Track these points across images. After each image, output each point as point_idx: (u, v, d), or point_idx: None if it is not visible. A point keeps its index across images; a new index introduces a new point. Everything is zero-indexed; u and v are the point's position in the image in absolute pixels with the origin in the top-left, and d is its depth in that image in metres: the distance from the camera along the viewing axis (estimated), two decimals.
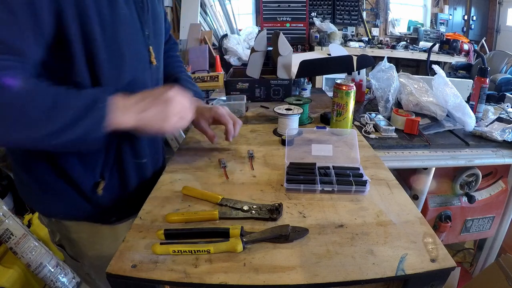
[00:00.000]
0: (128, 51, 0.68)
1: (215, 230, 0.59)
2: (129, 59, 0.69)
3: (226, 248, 0.54)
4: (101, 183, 0.75)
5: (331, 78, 3.49)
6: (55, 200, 0.76)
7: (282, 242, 0.57)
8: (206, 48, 3.66)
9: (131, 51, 0.69)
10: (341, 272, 0.50)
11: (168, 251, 0.53)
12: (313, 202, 0.69)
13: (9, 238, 1.31)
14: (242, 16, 4.41)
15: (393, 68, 1.40)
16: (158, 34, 0.80)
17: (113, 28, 0.63)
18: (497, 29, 4.14)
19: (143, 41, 0.73)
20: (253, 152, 0.90)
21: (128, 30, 0.67)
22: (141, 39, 0.73)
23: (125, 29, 0.66)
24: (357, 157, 0.81)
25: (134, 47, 0.70)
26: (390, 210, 0.66)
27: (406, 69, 4.04)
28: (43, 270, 1.37)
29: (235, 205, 0.66)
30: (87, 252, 0.83)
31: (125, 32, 0.67)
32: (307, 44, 4.16)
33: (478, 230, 1.47)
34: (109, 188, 0.76)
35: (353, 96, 0.95)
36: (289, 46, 1.35)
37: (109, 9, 0.62)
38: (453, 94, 1.23)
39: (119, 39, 0.65)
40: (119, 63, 0.67)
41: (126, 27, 0.67)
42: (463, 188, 1.36)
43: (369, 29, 4.31)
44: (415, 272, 0.51)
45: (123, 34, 0.66)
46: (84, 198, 0.75)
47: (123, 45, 0.67)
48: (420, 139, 1.20)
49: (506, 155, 1.18)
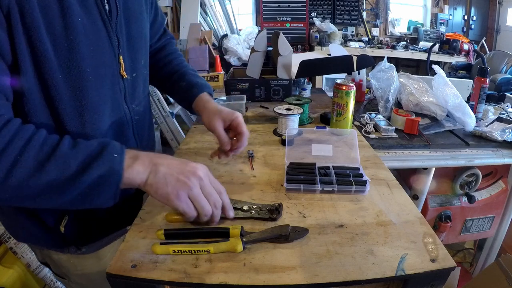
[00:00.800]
0: (89, 67, 0.59)
1: (215, 230, 0.59)
2: (91, 75, 0.60)
3: (226, 248, 0.54)
4: (64, 218, 0.68)
5: (331, 78, 3.49)
6: (21, 228, 0.72)
7: (282, 242, 0.57)
8: (206, 48, 3.66)
9: (93, 66, 0.60)
10: (341, 272, 0.50)
11: (168, 251, 0.53)
12: (313, 202, 0.69)
13: (9, 238, 1.31)
14: (242, 16, 4.41)
15: (393, 68, 1.40)
16: (135, 38, 0.71)
17: (67, 41, 0.55)
18: (497, 29, 4.14)
19: (110, 52, 0.64)
20: (253, 152, 0.90)
21: (88, 42, 0.58)
22: (107, 50, 0.63)
23: (84, 40, 0.57)
24: (357, 157, 0.81)
25: (97, 60, 0.61)
26: (390, 210, 0.66)
27: (406, 69, 4.04)
28: (43, 270, 1.37)
29: (235, 205, 0.66)
30: (71, 272, 0.79)
31: (84, 44, 0.57)
32: (307, 44, 4.15)
33: (478, 230, 1.47)
34: (74, 223, 0.69)
35: (353, 96, 0.95)
36: (289, 46, 1.35)
37: (62, 19, 0.53)
38: (453, 94, 1.23)
39: (77, 54, 0.56)
40: (79, 83, 0.58)
41: (85, 38, 0.57)
42: (463, 188, 1.36)
43: (369, 29, 4.31)
44: (415, 272, 0.51)
45: (82, 48, 0.57)
46: (47, 230, 0.69)
47: (82, 61, 0.57)
48: (420, 139, 1.20)
49: (506, 155, 1.18)
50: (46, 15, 0.51)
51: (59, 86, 0.56)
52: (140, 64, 0.75)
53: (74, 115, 0.60)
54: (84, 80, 0.59)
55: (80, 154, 0.51)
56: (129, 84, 0.72)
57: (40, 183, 0.48)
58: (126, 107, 0.72)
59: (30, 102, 0.55)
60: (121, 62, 0.67)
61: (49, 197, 0.50)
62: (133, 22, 0.69)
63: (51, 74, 0.54)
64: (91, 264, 0.77)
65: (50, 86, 0.55)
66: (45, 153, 0.49)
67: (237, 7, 4.33)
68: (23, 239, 0.78)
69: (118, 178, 0.52)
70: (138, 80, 0.75)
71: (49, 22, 0.52)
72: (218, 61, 3.54)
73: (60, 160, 0.49)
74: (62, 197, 0.50)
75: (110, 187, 0.52)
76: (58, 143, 0.51)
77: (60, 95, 0.57)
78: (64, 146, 0.51)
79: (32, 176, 0.48)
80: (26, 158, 0.48)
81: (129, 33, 0.69)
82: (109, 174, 0.51)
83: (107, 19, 0.62)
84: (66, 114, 0.59)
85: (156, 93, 2.31)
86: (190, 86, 0.86)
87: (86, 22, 0.57)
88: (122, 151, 0.54)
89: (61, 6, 0.53)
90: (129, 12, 0.68)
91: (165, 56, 0.93)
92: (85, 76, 0.59)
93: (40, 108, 0.56)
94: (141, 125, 0.80)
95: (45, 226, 0.68)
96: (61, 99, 0.57)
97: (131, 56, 0.70)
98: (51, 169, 0.48)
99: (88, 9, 0.58)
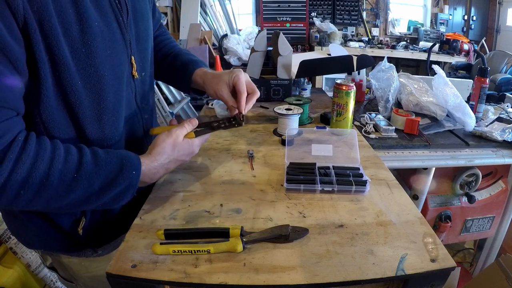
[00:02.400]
0: (107, 70, 0.59)
1: (215, 230, 0.59)
2: (110, 79, 0.60)
3: (226, 248, 0.54)
4: (82, 220, 0.68)
5: (331, 78, 3.49)
6: (35, 235, 0.70)
7: (282, 242, 0.57)
8: (206, 48, 3.66)
9: (110, 69, 0.60)
10: (341, 272, 0.50)
11: (168, 251, 0.53)
12: (313, 202, 0.69)
13: (9, 238, 1.31)
14: (242, 16, 4.41)
15: (393, 68, 1.40)
16: (142, 37, 0.71)
17: (85, 47, 0.54)
18: (497, 29, 4.14)
19: (124, 53, 0.64)
20: (253, 152, 0.90)
21: (104, 45, 0.57)
22: (122, 51, 0.63)
23: (101, 45, 0.57)
24: (357, 157, 0.81)
25: (113, 63, 0.61)
26: (390, 210, 0.66)
27: (406, 69, 4.04)
28: (43, 270, 1.38)
29: None
30: (80, 275, 0.78)
31: (102, 49, 0.57)
32: (307, 44, 4.16)
33: (478, 230, 1.47)
34: (90, 224, 0.69)
35: (353, 96, 0.95)
36: (289, 46, 1.35)
37: (78, 24, 0.52)
38: (453, 94, 1.23)
39: (95, 59, 0.56)
40: (98, 88, 0.59)
41: (102, 42, 0.57)
42: (463, 188, 1.36)
43: (369, 29, 4.31)
44: (415, 272, 0.51)
45: (99, 52, 0.56)
46: (64, 235, 0.68)
47: (100, 66, 0.57)
48: (420, 139, 1.20)
49: (506, 155, 1.18)
50: (63, 20, 0.50)
51: (79, 92, 0.56)
52: (148, 63, 0.76)
53: (93, 119, 0.61)
54: (102, 84, 0.59)
55: (103, 172, 0.55)
56: (139, 84, 0.72)
57: (67, 201, 0.53)
58: (136, 107, 0.73)
59: (48, 109, 0.55)
60: (133, 63, 0.68)
61: (71, 208, 0.56)
62: (140, 21, 0.69)
63: (70, 80, 0.54)
64: (103, 265, 0.75)
65: (70, 93, 0.55)
66: (70, 173, 0.52)
67: (237, 7, 4.33)
68: (36, 246, 0.75)
69: (134, 190, 0.59)
70: (147, 78, 0.76)
71: (66, 28, 0.51)
72: (218, 61, 3.54)
73: (85, 181, 0.53)
74: (82, 207, 0.58)
75: (127, 197, 0.59)
76: (80, 160, 0.53)
77: (80, 100, 0.57)
78: (87, 163, 0.54)
79: (60, 196, 0.52)
80: (52, 181, 0.50)
81: (137, 33, 0.69)
82: (128, 189, 0.58)
83: (122, 20, 0.62)
84: (85, 119, 0.59)
85: (156, 93, 2.31)
86: (185, 64, 0.85)
87: (102, 25, 0.57)
88: (139, 166, 0.59)
89: (77, 10, 0.52)
90: (136, 9, 0.67)
91: (159, 43, 0.92)
92: (104, 80, 0.59)
93: (58, 115, 0.56)
94: (150, 123, 0.81)
95: (61, 230, 0.68)
96: (81, 104, 0.58)
97: (140, 55, 0.71)
98: (77, 190, 0.52)
99: (103, 11, 0.57)
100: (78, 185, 0.52)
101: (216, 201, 0.69)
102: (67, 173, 0.51)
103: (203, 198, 0.70)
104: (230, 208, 0.67)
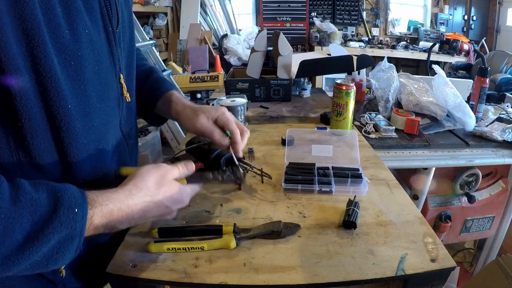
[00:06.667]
0: (94, 90, 0.48)
1: (209, 227, 0.59)
2: (96, 100, 0.49)
3: (219, 245, 0.55)
4: None
5: (331, 78, 3.48)
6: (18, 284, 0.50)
7: (274, 238, 0.57)
8: (206, 48, 3.67)
9: (97, 89, 0.49)
10: (341, 272, 0.50)
11: (162, 249, 0.54)
12: (313, 202, 0.69)
13: None
14: (242, 16, 4.42)
15: (393, 68, 1.40)
16: (130, 53, 0.59)
17: (76, 57, 0.43)
18: (497, 29, 4.14)
19: (111, 71, 0.53)
20: (253, 149, 0.90)
21: (93, 60, 0.47)
22: (109, 69, 0.52)
23: (90, 58, 0.46)
24: (357, 158, 0.81)
25: (101, 81, 0.50)
26: (390, 210, 0.66)
27: (406, 69, 4.04)
28: None
29: None
30: None
31: (90, 62, 0.46)
32: (307, 44, 4.16)
33: (478, 230, 1.47)
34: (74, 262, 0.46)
35: (353, 96, 0.95)
36: (289, 46, 1.35)
37: (69, 29, 0.42)
38: (453, 94, 1.23)
39: (84, 76, 0.45)
40: (87, 109, 0.47)
41: (91, 55, 0.46)
42: (463, 188, 1.36)
43: (369, 29, 4.32)
44: (415, 272, 0.51)
45: (87, 67, 0.45)
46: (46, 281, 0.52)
47: (88, 84, 0.46)
48: (420, 139, 1.20)
49: (506, 155, 1.18)
50: (50, 20, 0.40)
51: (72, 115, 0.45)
52: (133, 86, 0.64)
53: (82, 147, 0.49)
54: (90, 107, 0.48)
55: (26, 213, 0.36)
56: (127, 107, 0.60)
57: None
58: (121, 134, 0.61)
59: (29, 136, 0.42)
60: (122, 82, 0.56)
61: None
62: (127, 33, 0.58)
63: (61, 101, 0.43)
64: None
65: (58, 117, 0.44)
66: None
67: (237, 7, 4.33)
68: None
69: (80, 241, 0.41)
70: (133, 100, 0.63)
71: (53, 31, 0.40)
72: (218, 61, 3.55)
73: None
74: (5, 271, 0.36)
75: (69, 253, 0.40)
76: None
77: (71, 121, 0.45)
78: (2, 200, 0.35)
79: None
80: None
81: (125, 47, 0.57)
82: (69, 239, 0.39)
83: (111, 30, 0.50)
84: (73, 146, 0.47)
85: None
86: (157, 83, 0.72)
87: (92, 33, 0.46)
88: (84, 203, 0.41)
89: (67, 10, 0.42)
90: (124, 21, 0.56)
91: None
92: (91, 102, 0.48)
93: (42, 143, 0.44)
94: (135, 149, 0.70)
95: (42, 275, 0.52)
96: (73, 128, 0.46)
97: (128, 74, 0.59)
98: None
99: (94, 17, 0.46)
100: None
101: (216, 201, 0.69)
102: None
103: (203, 198, 0.70)
104: (230, 208, 0.67)
